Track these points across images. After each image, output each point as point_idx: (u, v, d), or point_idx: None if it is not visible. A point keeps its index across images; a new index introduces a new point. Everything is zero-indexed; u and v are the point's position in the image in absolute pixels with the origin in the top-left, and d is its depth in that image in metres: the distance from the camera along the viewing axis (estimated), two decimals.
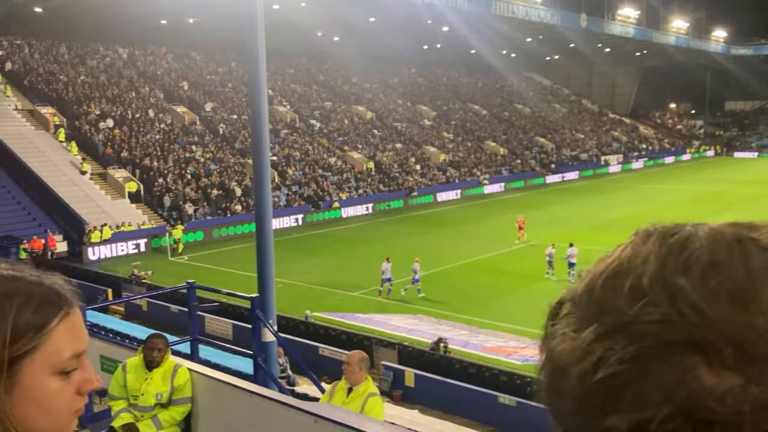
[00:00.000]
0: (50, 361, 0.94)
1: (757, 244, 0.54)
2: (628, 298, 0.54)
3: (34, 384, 0.93)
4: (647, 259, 0.57)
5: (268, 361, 9.57)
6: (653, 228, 0.63)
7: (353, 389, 5.65)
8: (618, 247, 0.63)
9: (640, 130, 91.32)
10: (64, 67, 47.81)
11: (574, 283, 0.54)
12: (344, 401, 5.56)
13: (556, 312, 0.64)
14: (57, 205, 35.31)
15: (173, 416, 5.09)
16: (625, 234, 0.58)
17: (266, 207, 12.90)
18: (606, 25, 67.02)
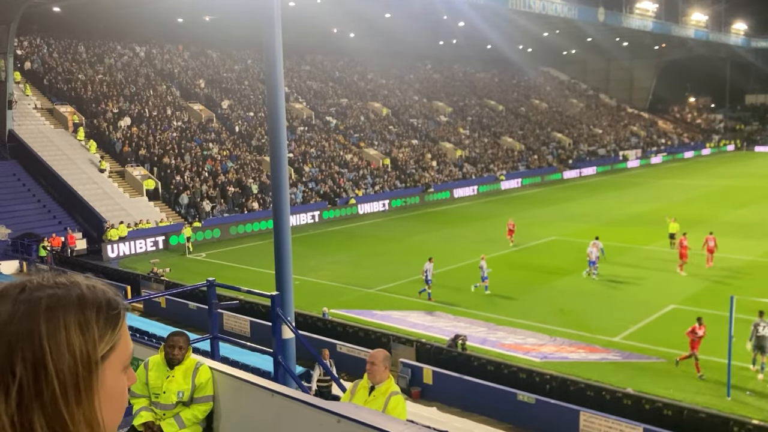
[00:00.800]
0: (121, 358, 1.01)
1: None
2: None
3: (113, 381, 0.99)
4: None
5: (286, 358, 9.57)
6: None
7: (375, 388, 5.61)
8: None
9: (658, 124, 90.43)
10: (83, 66, 48.20)
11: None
12: (366, 400, 5.52)
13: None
14: (77, 203, 35.64)
15: (195, 415, 5.07)
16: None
17: (284, 204, 12.88)
18: (624, 18, 66.34)
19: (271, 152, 13.48)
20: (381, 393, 5.57)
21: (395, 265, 29.19)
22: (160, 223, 36.11)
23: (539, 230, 35.95)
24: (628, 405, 14.99)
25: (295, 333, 7.02)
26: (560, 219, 39.62)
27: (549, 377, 16.30)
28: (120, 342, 1.00)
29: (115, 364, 0.99)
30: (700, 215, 38.59)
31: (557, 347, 19.39)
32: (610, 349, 19.24)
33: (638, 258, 29.34)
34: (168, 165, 40.54)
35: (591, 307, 22.99)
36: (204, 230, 36.24)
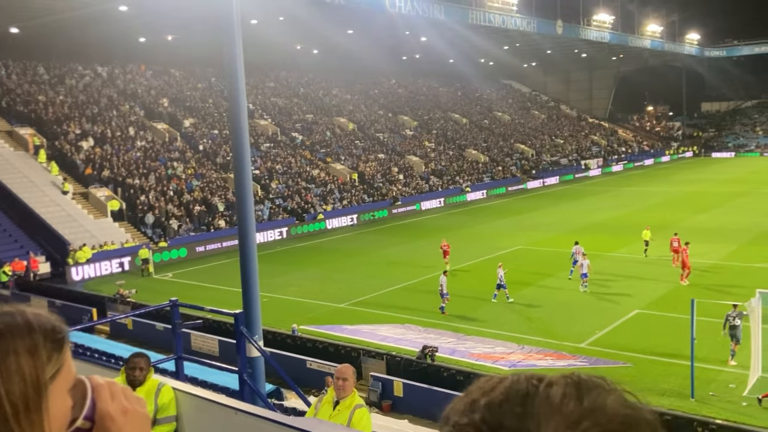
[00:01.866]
0: (67, 379, 1.05)
1: None
2: None
3: (59, 402, 1.03)
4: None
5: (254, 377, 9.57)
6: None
7: (340, 402, 5.67)
8: None
9: (618, 133, 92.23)
10: (43, 87, 47.51)
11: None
12: (331, 414, 5.57)
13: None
14: (39, 226, 34.99)
15: None
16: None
17: (249, 221, 12.90)
18: (582, 30, 67.74)
19: (235, 169, 13.51)
20: (345, 407, 5.63)
21: (365, 279, 29.24)
22: (126, 244, 35.63)
23: (505, 240, 36.35)
24: None
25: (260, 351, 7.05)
26: (525, 228, 40.12)
27: None
28: (65, 364, 1.05)
29: (62, 385, 1.03)
30: (661, 221, 39.38)
31: (525, 355, 19.62)
32: (577, 355, 19.53)
33: (602, 265, 29.83)
34: (132, 185, 40.10)
35: (558, 314, 23.30)
36: (170, 250, 35.86)
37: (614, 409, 0.80)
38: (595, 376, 0.85)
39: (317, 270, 32.06)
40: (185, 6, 38.71)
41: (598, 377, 0.84)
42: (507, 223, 42.71)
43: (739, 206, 45.06)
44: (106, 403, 1.07)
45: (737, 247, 32.18)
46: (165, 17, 42.64)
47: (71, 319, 21.84)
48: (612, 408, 0.80)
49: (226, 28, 13.04)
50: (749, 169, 69.42)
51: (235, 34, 13.01)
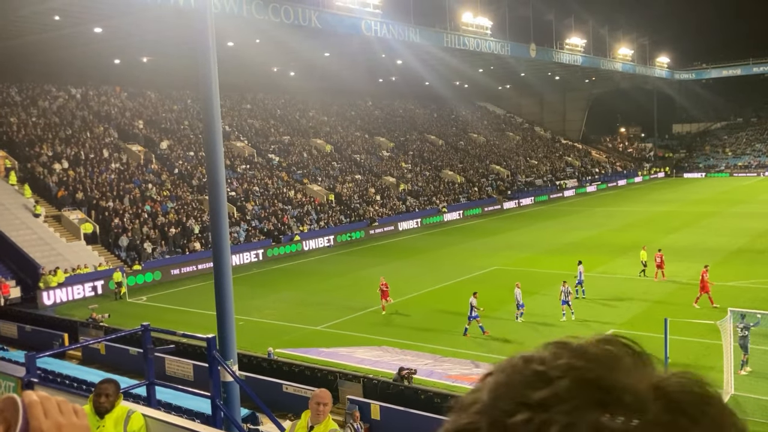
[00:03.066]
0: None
1: None
2: None
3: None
4: None
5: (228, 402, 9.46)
6: None
7: (314, 427, 5.63)
8: None
9: (592, 154, 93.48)
10: (15, 109, 46.98)
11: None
12: None
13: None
14: (9, 250, 34.38)
15: None
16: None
17: (224, 243, 12.83)
18: (555, 54, 68.85)
19: (210, 191, 13.46)
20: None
21: (341, 301, 29.13)
22: (99, 267, 35.15)
23: (481, 261, 36.50)
24: None
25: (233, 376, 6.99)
26: (501, 249, 40.34)
27: None
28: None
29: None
30: (635, 240, 39.85)
31: None
32: None
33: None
34: (106, 207, 39.68)
35: (534, 334, 23.37)
36: (144, 273, 35.44)
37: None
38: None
39: (294, 292, 31.88)
40: (161, 28, 38.72)
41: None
42: (483, 244, 42.93)
43: (710, 226, 45.80)
44: (39, 420, 1.06)
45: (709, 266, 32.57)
46: (140, 39, 42.56)
47: (42, 345, 21.42)
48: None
49: (201, 50, 13.07)
50: (719, 190, 70.70)
51: (210, 56, 13.04)
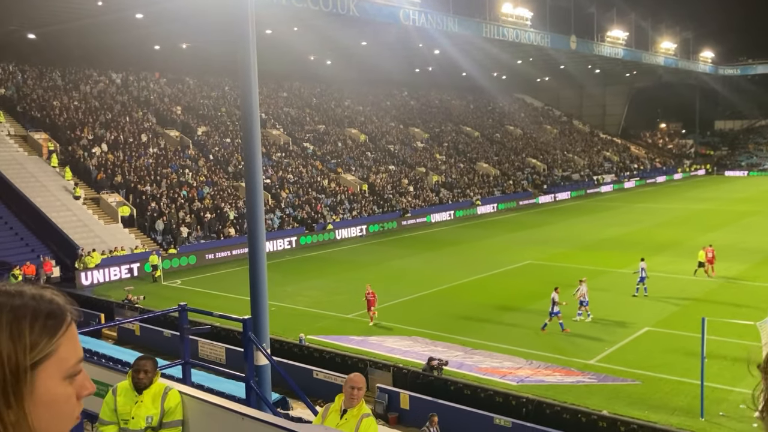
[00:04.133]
0: (61, 367, 1.04)
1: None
2: None
3: (48, 389, 1.02)
4: None
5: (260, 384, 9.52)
6: None
7: (347, 411, 5.62)
8: None
9: (631, 149, 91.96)
10: (58, 93, 47.94)
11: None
12: (338, 423, 5.53)
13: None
14: (50, 231, 35.18)
15: None
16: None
17: (259, 230, 12.90)
18: (595, 46, 67.72)
19: (247, 178, 13.53)
20: (353, 416, 5.59)
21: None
22: (135, 250, 35.77)
23: (515, 254, 36.21)
24: (603, 427, 15.08)
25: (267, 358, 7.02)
26: (535, 243, 39.96)
27: (525, 400, 16.35)
28: (59, 350, 1.03)
29: (53, 371, 1.02)
30: (672, 238, 39.17)
31: (533, 370, 19.47)
32: (586, 371, 19.36)
33: (612, 281, 29.66)
34: (143, 191, 40.30)
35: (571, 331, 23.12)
36: (179, 257, 35.95)
37: None
38: None
39: (325, 280, 32.04)
40: (201, 15, 39.03)
41: None
42: (517, 238, 42.57)
43: (751, 225, 44.73)
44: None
45: (748, 266, 31.91)
46: (180, 25, 42.98)
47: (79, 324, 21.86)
48: None
49: (241, 37, 13.10)
50: (762, 189, 68.98)
51: (249, 43, 13.07)
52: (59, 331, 1.05)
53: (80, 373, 1.08)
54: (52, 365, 1.03)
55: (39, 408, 1.00)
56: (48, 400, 1.02)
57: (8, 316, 1.01)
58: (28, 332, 1.01)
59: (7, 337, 1.00)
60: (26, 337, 1.01)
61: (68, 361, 1.05)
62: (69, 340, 1.06)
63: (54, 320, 1.05)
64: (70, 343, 1.06)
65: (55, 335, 1.04)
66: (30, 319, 1.02)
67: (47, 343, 1.03)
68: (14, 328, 1.00)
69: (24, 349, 1.00)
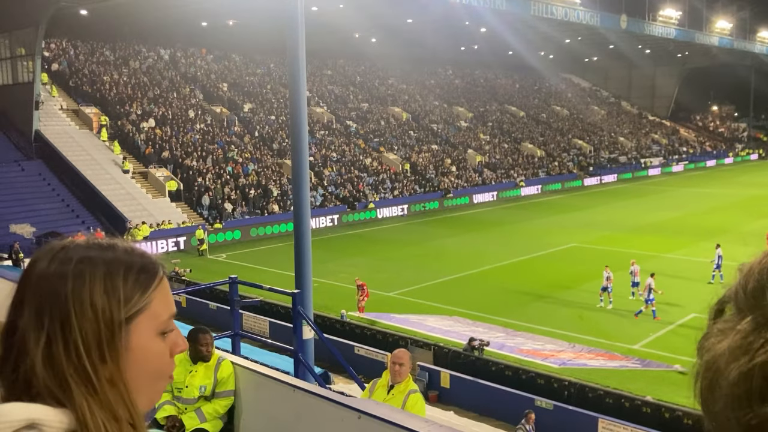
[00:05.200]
0: (154, 322, 1.03)
1: None
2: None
3: (142, 344, 1.01)
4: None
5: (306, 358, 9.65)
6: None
7: (394, 386, 5.67)
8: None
9: (680, 132, 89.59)
10: (108, 68, 48.85)
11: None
12: (385, 398, 5.58)
13: (716, 312, 0.63)
14: (100, 203, 36.10)
15: (216, 409, 5.16)
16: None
17: (304, 207, 13.01)
18: (647, 26, 65.84)
19: (293, 156, 13.62)
20: (400, 391, 5.63)
21: (414, 269, 29.21)
22: (182, 224, 36.45)
23: (559, 237, 35.78)
24: (647, 413, 14.89)
25: (316, 330, 7.10)
26: (580, 226, 39.40)
27: (567, 383, 16.24)
28: (152, 305, 1.02)
29: (146, 327, 1.02)
30: (721, 224, 38.16)
31: (576, 354, 19.30)
32: (630, 356, 19.11)
33: (659, 266, 29.07)
34: (190, 167, 40.94)
35: (611, 314, 22.84)
36: (225, 231, 36.53)
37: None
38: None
39: (367, 258, 32.19)
40: None
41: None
42: (561, 220, 42.02)
43: None
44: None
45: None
46: (227, 2, 43.24)
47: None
48: None
49: (288, 14, 13.10)
50: None
51: (297, 20, 13.06)
52: (152, 285, 1.04)
53: (173, 330, 1.06)
54: (146, 320, 1.02)
55: (133, 364, 1.00)
56: (142, 355, 1.01)
57: (102, 270, 1.00)
58: (122, 286, 1.01)
59: (102, 290, 0.99)
60: (120, 291, 1.00)
61: (161, 316, 1.04)
62: (161, 294, 1.05)
63: (146, 274, 1.04)
64: (162, 298, 1.05)
65: (148, 289, 1.03)
66: (123, 273, 1.02)
67: (140, 298, 1.02)
68: (108, 281, 1.00)
69: (118, 302, 0.99)
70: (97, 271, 1.00)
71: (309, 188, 13.87)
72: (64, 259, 1.01)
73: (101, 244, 1.05)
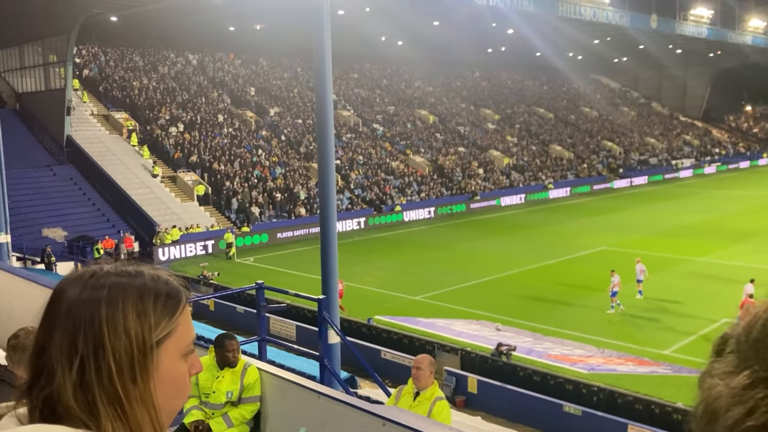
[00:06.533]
0: (179, 345, 1.08)
1: None
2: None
3: (169, 366, 1.07)
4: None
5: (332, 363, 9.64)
6: None
7: (420, 393, 5.62)
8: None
9: (713, 133, 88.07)
10: (137, 74, 49.56)
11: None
12: (411, 405, 5.54)
13: (719, 348, 0.61)
14: (129, 207, 36.59)
15: (243, 414, 5.18)
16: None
17: (331, 210, 13.02)
18: (677, 25, 64.87)
19: (320, 159, 13.65)
20: (426, 398, 5.59)
21: (441, 273, 29.10)
22: (211, 227, 36.79)
23: (588, 240, 35.39)
24: (678, 420, 14.61)
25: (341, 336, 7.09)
26: (610, 229, 38.92)
27: (596, 389, 16.02)
28: (178, 330, 1.08)
29: (172, 350, 1.07)
30: (755, 227, 37.41)
31: (605, 359, 19.04)
32: (661, 362, 18.80)
33: (690, 270, 28.62)
34: (218, 171, 41.32)
35: (640, 318, 22.51)
36: (252, 235, 36.78)
37: None
38: None
39: (394, 261, 32.16)
40: None
41: None
42: (590, 223, 41.56)
43: None
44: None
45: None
46: (254, 7, 43.59)
47: None
48: None
49: (314, 18, 13.15)
50: None
51: (324, 24, 13.10)
52: (178, 311, 1.09)
53: (193, 352, 1.12)
54: (172, 344, 1.07)
55: (161, 384, 1.05)
56: (169, 377, 1.06)
57: (134, 296, 1.05)
58: (152, 311, 1.05)
59: (135, 316, 1.04)
60: (151, 316, 1.05)
61: (185, 340, 1.10)
62: (185, 320, 1.10)
63: (173, 300, 1.09)
64: (186, 323, 1.10)
65: (175, 315, 1.08)
66: (153, 299, 1.06)
67: (168, 323, 1.07)
68: (140, 307, 1.05)
69: (149, 327, 1.04)
70: (129, 297, 1.05)
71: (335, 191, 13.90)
72: (95, 285, 1.05)
73: (129, 271, 1.09)
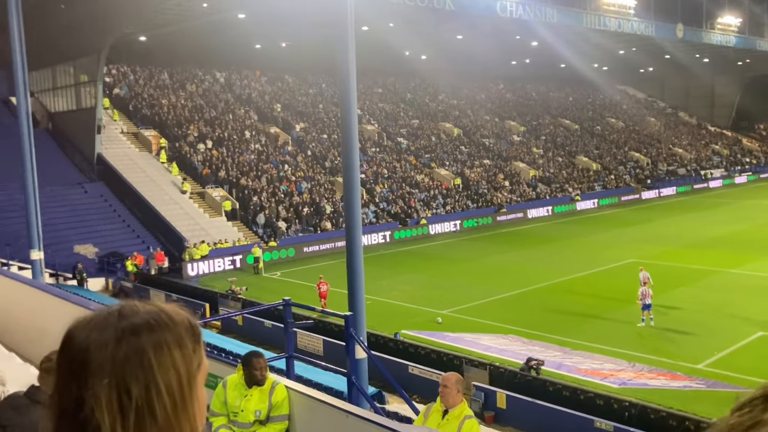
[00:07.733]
0: (204, 372, 1.12)
1: None
2: None
3: (200, 393, 1.10)
4: None
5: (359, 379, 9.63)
6: None
7: (449, 411, 5.58)
8: None
9: (743, 142, 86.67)
10: (166, 92, 50.34)
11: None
12: (440, 423, 5.50)
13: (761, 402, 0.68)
14: (159, 223, 37.07)
15: None
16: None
17: (356, 224, 13.04)
18: (704, 34, 64.13)
19: (345, 174, 13.70)
20: (454, 417, 5.54)
21: (468, 287, 28.94)
22: (238, 242, 37.09)
23: (616, 252, 34.95)
24: None
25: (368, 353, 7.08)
26: (638, 240, 38.42)
27: (628, 404, 15.75)
28: (203, 359, 1.12)
29: (201, 377, 1.10)
30: None
31: (636, 373, 18.73)
32: (694, 376, 18.44)
33: (722, 282, 28.09)
34: (246, 186, 41.70)
35: (672, 332, 22.13)
36: (279, 249, 36.99)
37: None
38: None
39: (420, 275, 32.06)
40: (300, 13, 39.88)
41: None
42: (618, 235, 41.08)
43: None
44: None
45: None
46: (280, 24, 44.11)
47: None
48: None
49: (339, 35, 13.25)
50: None
51: (348, 40, 13.19)
52: (200, 342, 1.12)
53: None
54: (201, 372, 1.11)
55: (197, 411, 1.08)
56: (202, 402, 1.10)
57: (171, 335, 1.07)
58: (188, 342, 1.09)
59: (180, 354, 1.06)
60: (188, 347, 1.08)
61: (206, 368, 1.14)
62: (203, 350, 1.14)
63: (195, 330, 1.12)
64: (203, 353, 1.14)
65: (200, 342, 1.12)
66: (185, 333, 1.09)
67: (198, 351, 1.11)
68: (179, 339, 1.08)
69: (190, 359, 1.07)
70: (166, 331, 1.06)
71: (361, 205, 13.92)
72: (130, 326, 1.05)
73: (151, 308, 1.10)
